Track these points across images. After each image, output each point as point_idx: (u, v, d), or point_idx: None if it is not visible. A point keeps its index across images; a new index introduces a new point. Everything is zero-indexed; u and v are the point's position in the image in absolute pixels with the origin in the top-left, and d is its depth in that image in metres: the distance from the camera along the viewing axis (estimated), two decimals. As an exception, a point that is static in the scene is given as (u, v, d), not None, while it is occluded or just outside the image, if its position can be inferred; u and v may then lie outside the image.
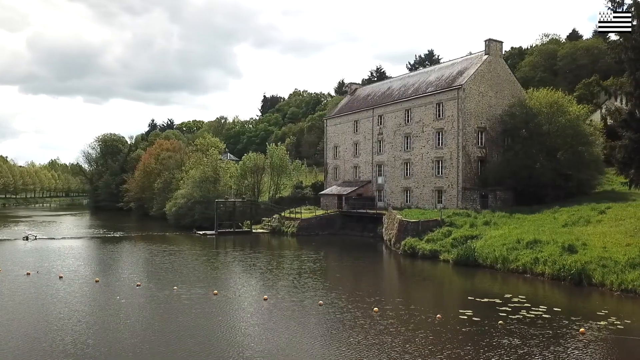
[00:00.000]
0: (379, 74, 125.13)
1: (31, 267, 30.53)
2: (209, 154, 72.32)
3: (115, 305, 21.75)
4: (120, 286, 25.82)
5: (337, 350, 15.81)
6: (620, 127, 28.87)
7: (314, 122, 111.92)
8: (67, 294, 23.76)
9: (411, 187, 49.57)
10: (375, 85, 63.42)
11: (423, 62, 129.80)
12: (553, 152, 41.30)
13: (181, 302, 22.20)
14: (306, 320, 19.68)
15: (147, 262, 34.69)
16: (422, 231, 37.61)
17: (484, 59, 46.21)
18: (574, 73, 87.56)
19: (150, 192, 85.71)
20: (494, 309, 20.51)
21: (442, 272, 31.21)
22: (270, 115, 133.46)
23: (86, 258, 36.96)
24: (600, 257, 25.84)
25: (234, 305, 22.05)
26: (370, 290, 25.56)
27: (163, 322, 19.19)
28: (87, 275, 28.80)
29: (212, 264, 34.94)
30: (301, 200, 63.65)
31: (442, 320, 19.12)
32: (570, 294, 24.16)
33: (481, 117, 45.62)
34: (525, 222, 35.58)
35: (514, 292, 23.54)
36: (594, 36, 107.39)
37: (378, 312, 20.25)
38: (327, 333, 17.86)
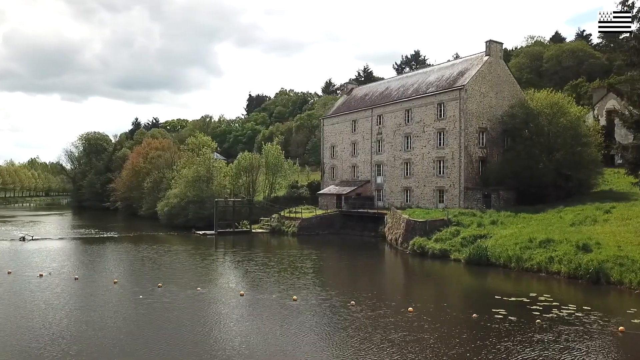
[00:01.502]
0: (366, 74, 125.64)
1: (41, 269, 29.83)
2: (202, 153, 71.66)
3: (142, 305, 21.37)
4: (140, 287, 25.37)
5: (386, 348, 15.80)
6: (631, 128, 29.43)
7: (303, 122, 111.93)
8: (89, 297, 23.30)
9: (412, 187, 49.82)
10: (372, 85, 63.53)
11: (409, 62, 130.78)
12: (554, 153, 41.94)
13: (206, 302, 21.99)
14: (343, 319, 19.59)
15: (157, 263, 34.14)
16: (430, 231, 37.82)
17: (485, 59, 46.68)
18: (560, 75, 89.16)
19: (139, 192, 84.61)
20: (525, 308, 20.72)
21: (456, 271, 31.39)
22: (257, 114, 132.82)
23: (93, 259, 36.23)
24: (616, 256, 26.29)
25: (264, 306, 21.84)
26: (396, 291, 25.69)
27: (197, 321, 18.94)
28: (103, 277, 28.25)
29: (225, 264, 34.60)
30: (297, 200, 63.49)
31: (478, 319, 19.23)
32: (591, 292, 24.50)
33: (482, 118, 46.09)
34: (532, 222, 36.03)
35: (538, 291, 23.79)
36: (577, 39, 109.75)
37: (413, 312, 20.28)
38: (370, 332, 17.79)
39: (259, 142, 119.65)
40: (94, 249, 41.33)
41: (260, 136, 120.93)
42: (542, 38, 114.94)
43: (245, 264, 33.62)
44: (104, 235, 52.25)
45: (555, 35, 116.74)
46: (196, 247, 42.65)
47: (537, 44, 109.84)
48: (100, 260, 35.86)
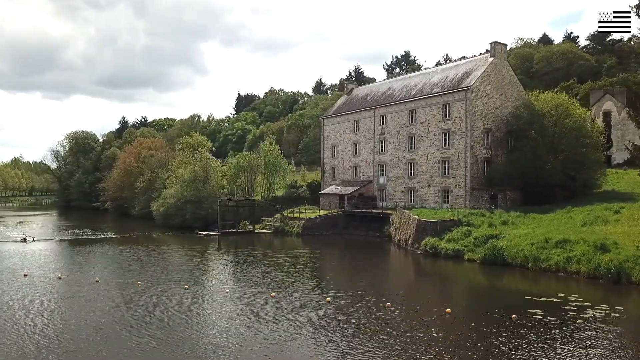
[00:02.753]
0: (357, 74, 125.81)
1: (57, 270, 29.22)
2: (199, 153, 71.01)
3: (171, 306, 21.04)
4: (165, 288, 24.97)
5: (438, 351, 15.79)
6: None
7: (295, 121, 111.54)
8: (119, 300, 22.89)
9: (416, 187, 49.98)
10: (373, 86, 63.59)
11: (399, 63, 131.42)
12: (559, 153, 42.46)
13: (237, 303, 21.77)
14: (383, 320, 19.53)
15: (172, 264, 33.75)
16: (441, 231, 37.96)
17: (490, 61, 47.03)
18: (550, 76, 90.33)
19: (132, 192, 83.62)
20: (559, 309, 20.86)
21: (473, 271, 31.51)
22: (247, 114, 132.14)
23: (105, 260, 35.63)
24: (636, 256, 26.63)
25: (298, 307, 21.65)
26: (424, 291, 25.72)
27: (234, 322, 18.71)
28: (126, 279, 27.76)
29: (240, 265, 34.20)
30: (297, 200, 63.23)
31: (519, 320, 19.30)
32: (616, 292, 24.73)
33: (487, 119, 46.43)
34: (542, 222, 36.36)
35: (565, 292, 24.01)
36: (564, 41, 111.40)
37: (450, 313, 20.30)
38: (414, 332, 17.75)
39: (249, 142, 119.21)
40: (100, 250, 40.65)
41: (251, 136, 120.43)
42: (531, 40, 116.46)
43: (261, 265, 33.36)
44: (102, 236, 51.47)
45: (544, 37, 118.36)
46: (204, 248, 42.26)
47: (527, 45, 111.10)
48: (110, 261, 35.25)
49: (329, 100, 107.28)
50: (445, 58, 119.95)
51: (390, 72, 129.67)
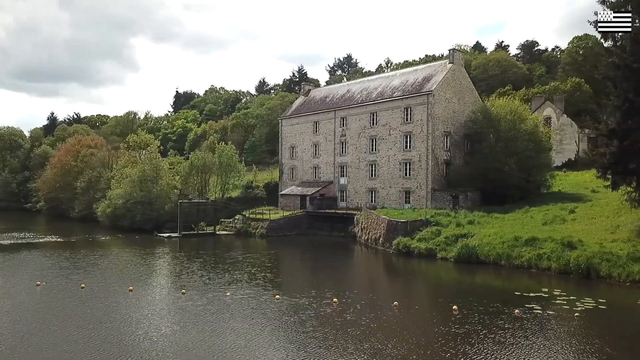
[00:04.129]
0: (301, 75, 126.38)
1: (33, 278, 27.57)
2: (148, 152, 68.86)
3: (191, 310, 20.62)
4: (160, 294, 24.31)
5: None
6: (606, 136, 32.52)
7: (239, 121, 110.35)
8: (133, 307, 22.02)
9: (377, 188, 51.23)
10: (331, 88, 64.36)
11: (341, 65, 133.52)
12: (514, 156, 45.09)
13: (242, 307, 21.67)
14: (390, 320, 20.15)
15: (154, 267, 32.72)
16: (411, 231, 39.25)
17: (449, 67, 49.10)
18: (487, 82, 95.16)
19: (70, 192, 79.70)
20: (553, 303, 22.37)
21: (452, 269, 32.84)
22: (188, 112, 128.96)
23: (64, 265, 33.81)
24: (601, 252, 28.91)
25: (306, 308, 21.86)
26: (417, 290, 26.57)
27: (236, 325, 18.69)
28: (115, 285, 26.72)
29: (221, 267, 33.68)
30: (253, 201, 62.80)
31: (523, 315, 20.56)
32: (590, 286, 26.71)
33: (447, 122, 48.46)
34: (506, 221, 38.56)
35: (548, 287, 25.78)
36: (496, 49, 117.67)
37: (457, 310, 21.26)
38: (427, 332, 18.52)
39: (190, 141, 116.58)
40: (56, 255, 38.46)
41: (192, 134, 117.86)
42: (466, 47, 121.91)
43: (243, 266, 33.07)
44: (46, 240, 48.84)
45: (477, 45, 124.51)
46: (171, 251, 41.25)
47: (462, 52, 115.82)
48: (70, 266, 33.47)
49: (274, 100, 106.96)
50: (387, 62, 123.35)
51: (332, 74, 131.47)
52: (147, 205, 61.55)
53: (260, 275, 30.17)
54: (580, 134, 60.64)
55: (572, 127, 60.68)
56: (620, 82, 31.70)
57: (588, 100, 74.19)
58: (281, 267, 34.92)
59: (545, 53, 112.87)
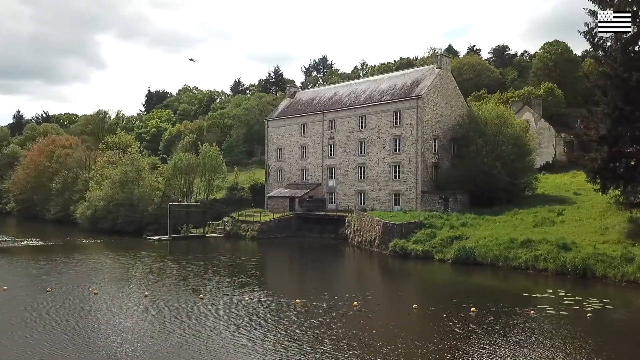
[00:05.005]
0: (277, 76, 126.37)
1: (40, 284, 27.07)
2: (129, 152, 67.79)
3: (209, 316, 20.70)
4: (179, 299, 24.24)
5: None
6: (596, 142, 33.98)
7: (215, 121, 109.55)
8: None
9: (366, 190, 51.93)
10: (318, 90, 64.71)
11: (317, 66, 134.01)
12: (502, 160, 46.48)
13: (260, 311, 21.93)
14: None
15: (158, 272, 32.39)
16: (406, 233, 40.04)
17: (437, 72, 50.21)
18: (461, 86, 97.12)
19: (44, 193, 77.82)
20: (561, 304, 23.36)
21: (453, 271, 33.62)
22: (162, 112, 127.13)
23: (68, 269, 33.26)
24: (595, 254, 30.20)
25: (324, 312, 22.23)
26: (429, 293, 27.29)
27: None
28: (132, 290, 26.46)
29: (229, 271, 33.64)
30: (238, 202, 62.64)
31: (539, 316, 21.46)
32: (589, 287, 27.83)
33: (435, 126, 49.55)
34: (497, 224, 39.75)
35: (552, 288, 26.80)
36: (468, 53, 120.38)
37: (475, 312, 22.01)
38: (443, 334, 19.19)
39: (165, 141, 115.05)
40: (48, 260, 37.67)
41: (167, 134, 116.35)
42: (440, 50, 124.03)
43: (247, 269, 33.15)
44: (29, 244, 47.66)
45: (449, 48, 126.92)
46: (169, 254, 40.92)
47: (436, 55, 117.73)
48: (68, 271, 32.97)
49: (251, 100, 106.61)
50: (362, 64, 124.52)
51: (308, 75, 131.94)
52: (129, 207, 60.74)
53: (269, 279, 30.49)
54: (557, 137, 62.86)
55: (549, 131, 62.80)
56: (610, 91, 33.25)
57: (560, 105, 76.97)
58: (285, 269, 35.26)
59: (516, 58, 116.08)
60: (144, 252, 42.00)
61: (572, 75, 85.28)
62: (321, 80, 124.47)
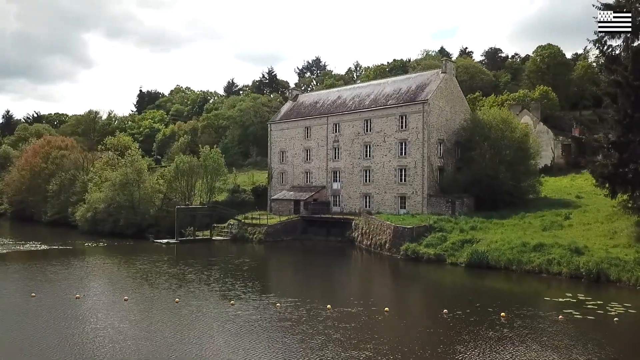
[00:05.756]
0: (270, 77, 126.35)
1: (68, 290, 27.06)
2: (129, 154, 67.48)
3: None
4: (209, 305, 24.42)
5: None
6: (607, 149, 34.79)
7: (210, 122, 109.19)
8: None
9: (372, 193, 52.35)
10: (321, 93, 64.92)
11: (310, 67, 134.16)
12: (507, 163, 47.22)
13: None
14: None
15: (178, 276, 32.39)
16: (417, 236, 40.54)
17: (442, 76, 50.80)
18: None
19: (40, 195, 77.08)
20: (585, 308, 23.94)
21: (467, 275, 34.11)
22: (155, 112, 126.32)
23: (93, 275, 33.23)
24: (608, 258, 30.97)
25: (352, 318, 22.55)
26: (448, 297, 27.77)
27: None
28: (164, 296, 26.57)
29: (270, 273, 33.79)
30: (240, 205, 62.70)
31: (567, 320, 22.02)
32: (603, 290, 28.56)
33: (440, 130, 50.15)
34: (506, 227, 40.37)
35: (567, 292, 27.37)
36: (461, 55, 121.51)
37: (505, 317, 22.50)
38: (476, 338, 19.66)
39: (159, 142, 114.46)
40: (63, 265, 37.47)
41: (160, 135, 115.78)
42: (432, 52, 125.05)
43: (266, 274, 33.39)
44: (32, 248, 47.18)
45: (442, 50, 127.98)
46: (183, 258, 40.92)
47: (429, 57, 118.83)
48: (95, 276, 32.97)
49: (246, 102, 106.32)
50: (356, 65, 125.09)
51: (301, 76, 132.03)
52: (130, 209, 60.57)
53: (290, 283, 30.76)
54: (555, 141, 63.88)
55: (548, 134, 63.75)
56: (620, 98, 34.05)
57: (555, 108, 78.22)
58: (303, 273, 35.44)
59: (507, 60, 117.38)
60: (156, 255, 41.96)
61: (564, 78, 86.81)
62: (315, 82, 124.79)
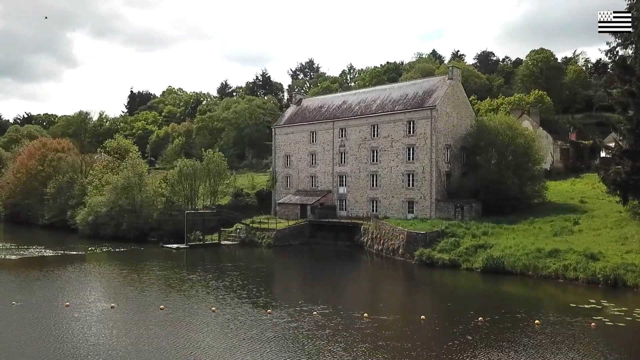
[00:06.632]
0: (264, 79, 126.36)
1: (102, 298, 27.01)
2: (130, 158, 67.09)
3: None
4: (246, 314, 24.56)
5: None
6: (620, 157, 35.69)
7: (204, 123, 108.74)
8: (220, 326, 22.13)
9: (379, 198, 52.78)
10: (325, 98, 65.14)
11: (303, 69, 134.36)
12: (515, 169, 48.02)
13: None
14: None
15: (204, 283, 32.41)
16: (430, 242, 41.05)
17: (449, 82, 51.45)
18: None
19: (36, 198, 76.26)
20: (613, 315, 24.57)
21: (485, 280, 34.47)
22: (147, 113, 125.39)
23: (117, 282, 33.06)
24: (624, 264, 31.67)
25: (390, 327, 22.87)
26: (474, 303, 28.27)
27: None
28: (199, 304, 26.56)
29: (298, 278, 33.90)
30: (244, 209, 62.71)
31: (599, 327, 22.63)
32: (621, 296, 29.25)
33: (447, 136, 50.79)
34: (517, 232, 41.06)
35: (593, 298, 27.99)
36: (453, 58, 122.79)
37: (539, 325, 23.04)
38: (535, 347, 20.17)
39: (152, 143, 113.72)
40: (83, 270, 37.27)
41: (154, 137, 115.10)
42: (424, 55, 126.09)
43: (288, 279, 33.58)
44: (35, 254, 46.55)
45: (433, 53, 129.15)
46: (199, 264, 40.92)
47: (422, 60, 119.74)
48: (121, 283, 32.81)
49: (241, 104, 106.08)
50: (349, 67, 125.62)
51: (295, 78, 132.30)
52: (132, 213, 60.30)
53: (317, 290, 30.93)
54: (554, 145, 65.00)
55: (547, 139, 64.77)
56: (633, 108, 34.99)
57: (550, 112, 79.53)
58: (325, 279, 35.58)
59: (498, 64, 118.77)
60: (170, 261, 41.92)
61: (557, 82, 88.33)
62: (308, 84, 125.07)
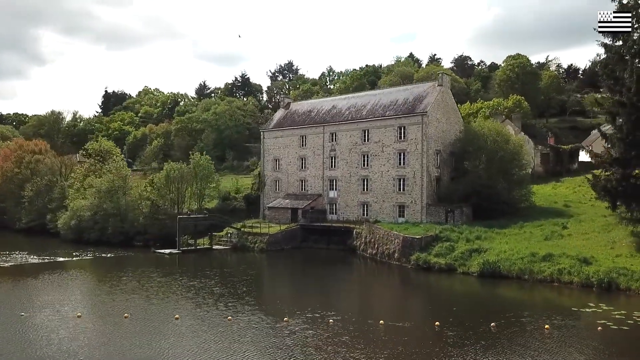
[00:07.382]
0: (243, 80, 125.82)
1: (109, 309, 26.64)
2: (114, 161, 66.06)
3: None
4: (261, 321, 24.67)
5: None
6: (608, 164, 37.05)
7: (183, 125, 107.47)
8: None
9: (370, 202, 53.36)
10: (314, 102, 65.37)
11: (282, 71, 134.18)
12: (503, 174, 49.24)
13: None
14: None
15: (208, 289, 32.26)
16: (425, 246, 41.81)
17: (439, 89, 52.39)
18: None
19: (12, 201, 74.45)
20: (616, 319, 25.51)
21: (483, 284, 35.39)
22: (124, 114, 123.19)
23: (123, 291, 32.60)
24: (616, 268, 32.96)
25: (405, 334, 23.34)
26: (480, 308, 29.01)
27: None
28: (214, 312, 26.42)
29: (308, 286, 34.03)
30: (232, 212, 62.50)
31: (603, 330, 23.57)
32: (615, 299, 30.41)
33: (437, 141, 51.72)
34: (508, 237, 42.07)
35: (592, 302, 29.10)
36: (430, 62, 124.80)
37: (549, 329, 23.87)
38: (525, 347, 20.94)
39: (130, 144, 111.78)
40: (84, 279, 36.63)
41: (131, 138, 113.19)
42: (401, 58, 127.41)
43: (296, 284, 33.73)
44: (22, 261, 45.44)
45: (410, 56, 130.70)
46: (199, 270, 40.55)
47: (400, 64, 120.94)
48: (126, 291, 32.39)
49: (221, 105, 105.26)
50: (329, 70, 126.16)
51: (274, 80, 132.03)
52: (117, 217, 59.50)
53: (324, 296, 31.24)
54: (535, 150, 66.80)
55: (528, 143, 66.47)
56: (622, 117, 36.36)
57: (527, 116, 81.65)
58: (327, 285, 35.90)
59: (474, 68, 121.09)
60: (167, 267, 41.59)
61: (532, 87, 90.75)
62: (287, 86, 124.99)
